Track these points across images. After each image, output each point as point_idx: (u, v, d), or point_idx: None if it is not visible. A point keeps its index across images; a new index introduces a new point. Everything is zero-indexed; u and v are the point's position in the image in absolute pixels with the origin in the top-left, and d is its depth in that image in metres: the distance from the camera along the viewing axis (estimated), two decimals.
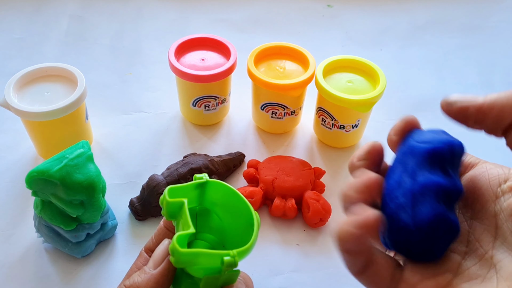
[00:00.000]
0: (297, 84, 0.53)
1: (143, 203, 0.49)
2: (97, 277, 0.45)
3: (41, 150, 0.54)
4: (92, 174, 0.41)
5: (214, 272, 0.29)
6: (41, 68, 0.53)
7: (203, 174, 0.33)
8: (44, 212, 0.42)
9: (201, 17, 0.80)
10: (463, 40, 0.78)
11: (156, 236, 0.36)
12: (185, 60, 0.56)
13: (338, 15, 0.82)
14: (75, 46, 0.72)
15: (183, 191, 0.31)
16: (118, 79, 0.67)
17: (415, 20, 0.82)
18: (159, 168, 0.54)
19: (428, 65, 0.73)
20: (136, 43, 0.74)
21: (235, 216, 0.34)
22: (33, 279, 0.45)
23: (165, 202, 0.29)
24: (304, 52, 0.57)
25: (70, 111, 0.49)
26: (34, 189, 0.40)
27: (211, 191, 0.34)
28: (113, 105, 0.63)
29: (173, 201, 0.29)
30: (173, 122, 0.61)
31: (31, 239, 0.47)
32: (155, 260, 0.31)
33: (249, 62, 0.55)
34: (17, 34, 0.74)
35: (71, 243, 0.44)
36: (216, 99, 0.57)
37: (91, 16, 0.78)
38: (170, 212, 0.30)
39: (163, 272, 0.30)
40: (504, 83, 0.70)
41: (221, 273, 0.29)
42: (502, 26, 0.81)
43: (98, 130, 0.59)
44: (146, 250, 0.35)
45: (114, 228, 0.48)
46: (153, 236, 0.36)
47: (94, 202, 0.42)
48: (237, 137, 0.60)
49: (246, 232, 0.32)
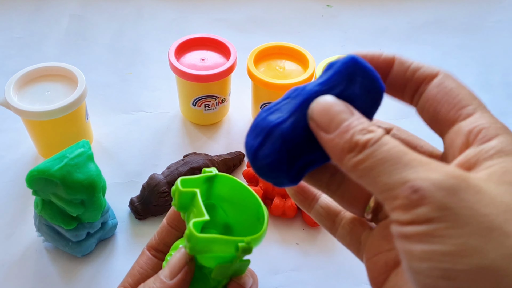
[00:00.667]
0: (296, 83, 0.53)
1: (143, 202, 0.49)
2: (98, 276, 0.45)
3: (41, 149, 0.54)
4: (93, 174, 0.41)
5: (226, 261, 0.29)
6: (42, 67, 0.53)
7: (212, 168, 0.33)
8: (45, 211, 0.42)
9: (201, 17, 0.80)
10: (462, 40, 0.78)
11: (159, 234, 0.35)
12: (185, 59, 0.56)
13: (337, 15, 0.82)
14: (75, 46, 0.72)
15: (194, 183, 0.31)
16: (118, 78, 0.67)
17: (414, 20, 0.82)
18: (159, 167, 0.54)
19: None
20: (136, 43, 0.74)
21: (242, 210, 0.34)
22: (34, 278, 0.45)
23: (177, 193, 0.29)
24: (303, 52, 0.57)
25: (70, 110, 0.49)
26: (34, 188, 0.40)
27: (219, 185, 0.34)
28: (113, 104, 0.63)
29: (186, 191, 0.29)
30: (173, 121, 0.61)
31: (31, 238, 0.47)
32: (171, 269, 0.29)
33: (249, 62, 0.56)
34: (17, 34, 0.74)
35: (71, 242, 0.45)
36: (216, 99, 0.57)
37: (91, 16, 0.78)
38: (182, 203, 0.29)
39: (180, 284, 0.29)
40: (503, 83, 0.70)
41: (233, 261, 0.29)
42: (501, 26, 0.81)
43: (98, 130, 0.59)
44: (149, 249, 0.35)
45: (114, 227, 0.48)
46: (156, 234, 0.35)
47: (95, 201, 0.42)
48: (237, 136, 0.60)
49: (252, 227, 0.32)
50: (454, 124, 0.21)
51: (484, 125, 0.20)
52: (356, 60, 0.22)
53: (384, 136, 0.19)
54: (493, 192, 0.18)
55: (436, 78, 0.23)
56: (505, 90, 0.69)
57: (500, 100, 0.67)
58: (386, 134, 0.20)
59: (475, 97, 0.22)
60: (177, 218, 0.35)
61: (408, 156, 0.18)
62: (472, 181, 0.18)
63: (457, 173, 0.18)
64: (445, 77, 0.22)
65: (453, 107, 0.22)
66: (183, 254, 0.30)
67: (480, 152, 0.20)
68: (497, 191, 0.18)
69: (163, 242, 0.35)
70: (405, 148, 0.19)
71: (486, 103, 0.22)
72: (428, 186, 0.17)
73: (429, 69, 0.23)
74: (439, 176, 0.17)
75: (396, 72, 0.24)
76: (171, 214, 0.35)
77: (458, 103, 0.21)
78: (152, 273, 0.32)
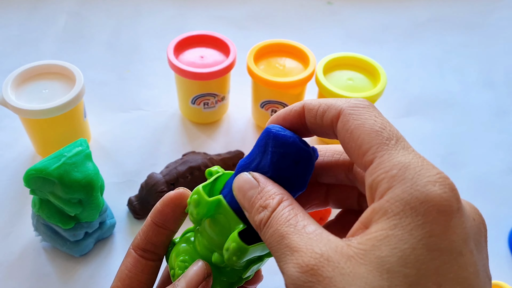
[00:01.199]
0: (297, 82, 0.53)
1: (141, 202, 0.49)
2: (96, 276, 0.45)
3: (39, 148, 0.54)
4: (91, 173, 0.41)
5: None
6: (39, 65, 0.52)
7: (216, 167, 0.31)
8: (42, 211, 0.42)
9: (200, 14, 0.79)
10: (464, 37, 0.78)
11: (144, 232, 0.32)
12: (184, 57, 0.56)
13: (338, 12, 0.81)
14: (73, 44, 0.72)
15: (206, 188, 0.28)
16: (116, 76, 0.67)
17: (416, 17, 0.81)
18: (158, 166, 0.53)
19: (428, 62, 0.72)
20: (134, 40, 0.73)
21: None
22: (31, 277, 0.44)
23: (203, 202, 0.26)
24: (304, 49, 0.57)
25: (68, 109, 0.49)
26: (32, 187, 0.40)
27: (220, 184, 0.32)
28: (111, 103, 0.63)
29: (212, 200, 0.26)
30: (171, 120, 0.61)
31: (29, 238, 0.47)
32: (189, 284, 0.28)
33: (249, 59, 0.55)
34: (15, 31, 0.74)
35: (69, 241, 0.44)
36: (215, 97, 0.57)
37: (88, 13, 0.77)
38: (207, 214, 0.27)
39: None
40: (505, 81, 0.70)
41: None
42: (503, 24, 0.81)
43: (96, 128, 0.58)
44: (135, 248, 0.33)
45: (112, 226, 0.47)
46: (141, 232, 0.33)
47: (93, 201, 0.42)
48: (236, 135, 0.60)
49: None
50: (364, 172, 0.21)
51: (380, 176, 0.20)
52: (268, 131, 0.24)
53: (271, 216, 0.21)
54: (348, 277, 0.18)
55: (339, 122, 0.22)
56: (508, 88, 0.68)
57: (502, 98, 0.66)
58: (279, 205, 0.21)
59: (377, 131, 0.21)
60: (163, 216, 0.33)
61: (284, 242, 0.20)
62: (326, 273, 0.19)
63: (312, 264, 0.19)
64: (346, 118, 0.22)
65: (357, 154, 0.21)
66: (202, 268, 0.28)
67: (372, 213, 0.19)
68: (354, 272, 0.18)
69: (150, 241, 0.33)
70: (285, 230, 0.20)
71: (488, 101, 0.21)
72: (288, 284, 0.19)
73: (332, 111, 0.22)
74: (294, 272, 0.19)
75: (309, 121, 0.24)
76: (157, 211, 0.33)
77: (359, 149, 0.21)
78: (143, 276, 0.31)
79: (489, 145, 0.61)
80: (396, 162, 0.19)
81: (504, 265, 0.48)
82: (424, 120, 0.62)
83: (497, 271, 0.48)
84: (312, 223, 0.21)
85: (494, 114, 0.64)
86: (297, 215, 0.21)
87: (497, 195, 0.54)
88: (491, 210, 0.53)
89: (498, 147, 0.61)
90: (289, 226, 0.21)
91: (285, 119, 0.24)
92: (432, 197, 0.19)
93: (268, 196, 0.22)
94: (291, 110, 0.24)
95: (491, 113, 0.65)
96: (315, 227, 0.20)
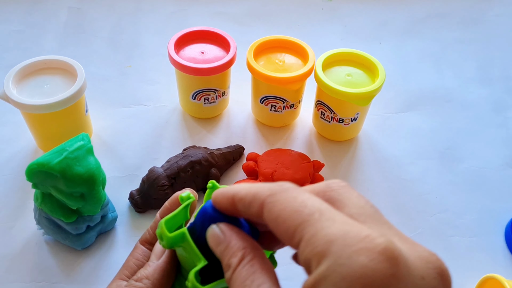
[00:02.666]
0: (296, 77, 0.53)
1: (143, 196, 0.49)
2: (98, 269, 0.45)
3: (41, 142, 0.54)
4: (92, 167, 0.41)
5: None
6: (40, 60, 0.52)
7: (187, 193, 0.31)
8: (45, 205, 0.42)
9: (201, 10, 0.79)
10: (462, 33, 0.78)
11: (152, 228, 0.35)
12: (185, 53, 0.56)
13: (337, 9, 0.82)
14: (74, 39, 0.72)
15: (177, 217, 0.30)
16: (118, 72, 0.67)
17: (414, 13, 0.82)
18: (159, 161, 0.54)
19: (427, 58, 0.73)
20: (135, 36, 0.73)
21: None
22: (34, 271, 0.45)
23: (165, 238, 0.27)
24: (303, 45, 0.57)
25: (69, 103, 0.49)
26: (34, 181, 0.40)
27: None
28: (112, 98, 0.63)
29: (174, 235, 0.27)
30: (172, 115, 0.61)
31: (31, 232, 0.48)
32: (156, 253, 0.31)
33: (249, 55, 0.55)
34: (16, 27, 0.74)
35: (71, 235, 0.45)
36: (216, 92, 0.57)
37: (90, 9, 0.78)
38: (172, 245, 0.28)
39: (167, 260, 0.31)
40: (503, 77, 0.70)
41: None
42: (501, 20, 0.81)
43: (97, 123, 0.59)
44: (142, 242, 0.35)
45: (114, 220, 0.48)
46: (150, 228, 0.36)
47: (94, 195, 0.42)
48: (236, 130, 0.60)
49: None
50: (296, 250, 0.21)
51: (308, 255, 0.19)
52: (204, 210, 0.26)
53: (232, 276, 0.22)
54: None
55: (264, 213, 0.22)
56: (505, 84, 0.69)
57: (500, 94, 0.67)
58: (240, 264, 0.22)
59: (297, 211, 0.21)
60: None
61: None
62: None
63: None
64: (268, 207, 0.22)
65: (287, 238, 0.21)
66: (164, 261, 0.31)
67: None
68: None
69: None
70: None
71: (485, 96, 0.21)
72: None
73: (256, 204, 0.23)
74: None
75: (241, 210, 0.24)
76: (166, 209, 0.35)
77: (287, 233, 0.21)
78: None
79: (486, 140, 0.61)
80: (320, 237, 0.19)
81: (500, 259, 0.49)
82: (422, 115, 0.63)
83: (493, 265, 0.48)
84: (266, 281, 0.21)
85: (492, 110, 0.65)
86: (254, 273, 0.22)
87: (494, 189, 0.55)
88: (488, 204, 0.53)
89: (495, 142, 0.61)
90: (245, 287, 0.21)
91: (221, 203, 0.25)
92: (356, 270, 0.18)
93: (231, 253, 0.23)
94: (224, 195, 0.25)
95: (489, 109, 0.65)
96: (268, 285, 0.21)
